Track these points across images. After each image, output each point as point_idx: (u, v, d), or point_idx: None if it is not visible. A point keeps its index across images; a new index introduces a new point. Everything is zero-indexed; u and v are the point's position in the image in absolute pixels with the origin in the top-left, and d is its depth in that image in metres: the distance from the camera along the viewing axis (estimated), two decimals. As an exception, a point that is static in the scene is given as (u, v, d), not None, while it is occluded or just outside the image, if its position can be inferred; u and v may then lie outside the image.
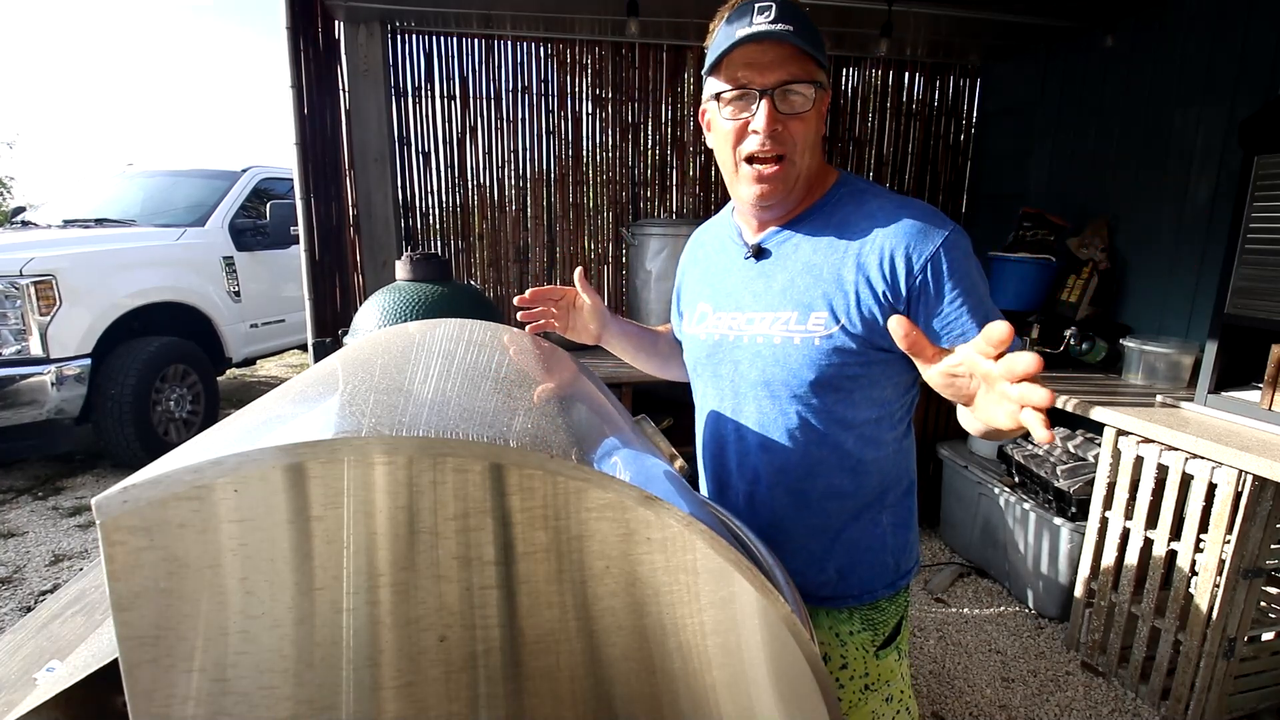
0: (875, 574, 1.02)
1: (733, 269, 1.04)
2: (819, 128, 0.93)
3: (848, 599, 1.02)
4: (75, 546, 2.94)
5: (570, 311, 1.18)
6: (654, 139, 3.38)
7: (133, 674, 0.42)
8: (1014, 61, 3.33)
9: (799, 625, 0.54)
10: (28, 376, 3.22)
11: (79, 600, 0.92)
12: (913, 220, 0.89)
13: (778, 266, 0.98)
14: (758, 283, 0.99)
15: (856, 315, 0.90)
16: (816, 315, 0.92)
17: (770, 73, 0.86)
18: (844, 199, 0.96)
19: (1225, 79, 2.33)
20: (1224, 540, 1.74)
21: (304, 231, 2.52)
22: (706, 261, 1.12)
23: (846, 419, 0.96)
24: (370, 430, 0.46)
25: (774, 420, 0.98)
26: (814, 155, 0.94)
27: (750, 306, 0.99)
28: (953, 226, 0.89)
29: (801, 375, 0.93)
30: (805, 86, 0.87)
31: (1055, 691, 2.05)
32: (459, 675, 0.48)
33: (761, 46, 0.86)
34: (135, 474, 0.42)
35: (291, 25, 2.42)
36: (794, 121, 0.89)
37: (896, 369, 0.94)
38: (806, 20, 0.88)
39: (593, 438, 0.61)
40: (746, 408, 1.01)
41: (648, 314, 3.02)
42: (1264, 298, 1.82)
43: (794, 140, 0.90)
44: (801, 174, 0.93)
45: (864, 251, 0.90)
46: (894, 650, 1.05)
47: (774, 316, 0.95)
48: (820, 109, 0.91)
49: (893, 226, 0.89)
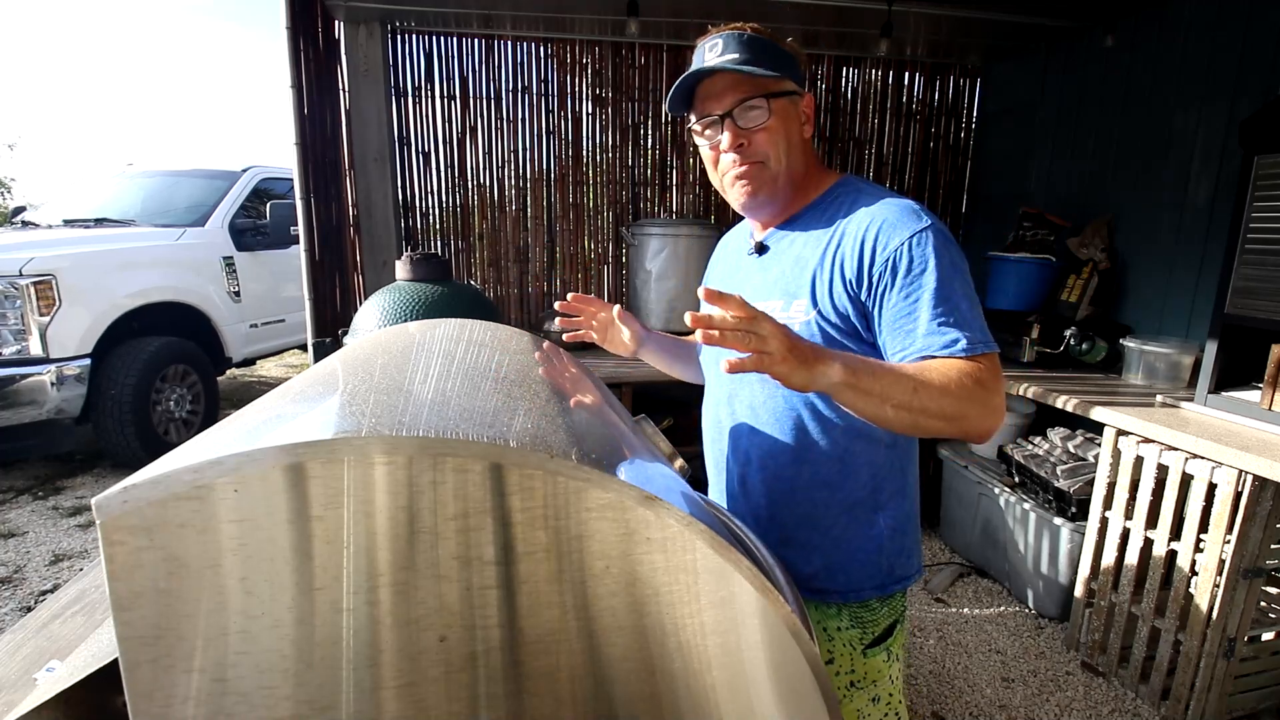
0: (865, 573, 1.03)
1: (739, 265, 1.12)
2: (792, 131, 0.98)
3: (833, 594, 1.03)
4: (75, 546, 2.94)
5: (609, 327, 1.26)
6: (654, 139, 3.38)
7: (133, 674, 0.42)
8: (1014, 61, 3.33)
9: (799, 625, 0.54)
10: (28, 376, 3.22)
11: (79, 600, 0.92)
12: (888, 214, 0.92)
13: (773, 260, 1.04)
14: (756, 276, 1.06)
15: (828, 301, 0.94)
16: (798, 302, 0.96)
17: (723, 99, 0.96)
18: (840, 197, 1.00)
19: (1225, 79, 2.33)
20: (1224, 540, 1.73)
21: (304, 231, 2.52)
22: (724, 262, 1.20)
23: (834, 407, 0.97)
24: (370, 430, 0.46)
25: (763, 405, 1.02)
26: (797, 155, 1.00)
27: (750, 297, 1.01)
28: (929, 223, 0.90)
29: None
30: (757, 100, 0.95)
31: (1055, 691, 2.05)
32: (459, 675, 0.48)
33: (712, 80, 0.97)
34: (135, 474, 0.42)
35: (291, 25, 2.42)
36: (758, 134, 0.96)
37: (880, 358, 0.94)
38: (756, 43, 0.95)
39: (593, 438, 0.61)
40: (741, 393, 1.06)
41: (648, 314, 3.02)
42: (1264, 298, 1.82)
43: (762, 149, 0.97)
44: (782, 174, 0.99)
45: (841, 241, 0.94)
46: (883, 651, 1.05)
47: (765, 305, 0.98)
48: (786, 115, 0.97)
49: (869, 218, 0.92)
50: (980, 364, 0.85)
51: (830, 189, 1.03)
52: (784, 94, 0.97)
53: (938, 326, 0.86)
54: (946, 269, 0.88)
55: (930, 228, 0.89)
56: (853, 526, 1.02)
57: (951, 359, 0.85)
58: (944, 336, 0.86)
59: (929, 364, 0.85)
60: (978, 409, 0.83)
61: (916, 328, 0.87)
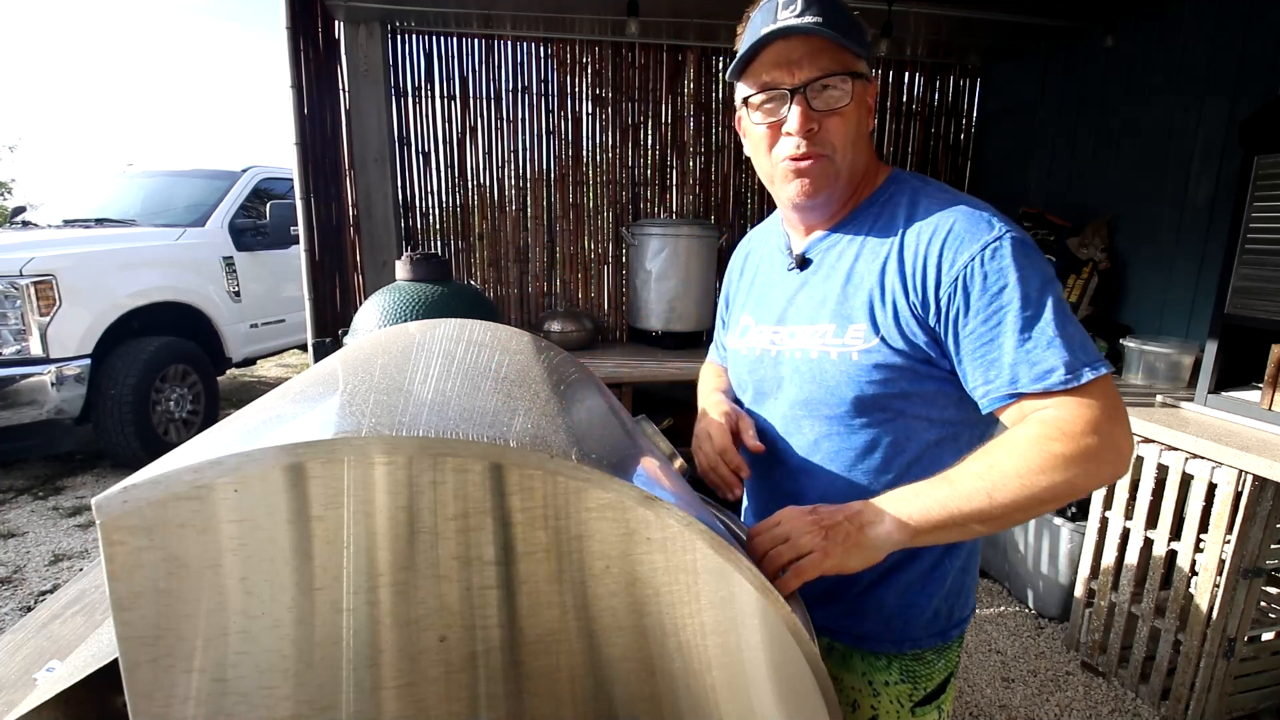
0: (923, 621, 0.91)
1: (776, 280, 0.98)
2: (863, 122, 0.85)
3: (886, 643, 0.91)
4: (75, 546, 2.94)
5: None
6: (654, 139, 3.37)
7: (133, 674, 0.42)
8: (1014, 61, 3.33)
9: (799, 625, 0.54)
10: (28, 376, 3.22)
11: (79, 600, 0.92)
12: (954, 223, 0.79)
13: (820, 276, 0.90)
14: (799, 294, 0.92)
15: (893, 327, 0.81)
16: (855, 327, 0.84)
17: (800, 70, 0.80)
18: (895, 199, 0.88)
19: (1225, 79, 2.33)
20: (1224, 540, 1.73)
21: (304, 231, 2.52)
22: (753, 271, 1.05)
23: (900, 444, 0.85)
24: (370, 430, 0.46)
25: (816, 444, 0.89)
26: (859, 152, 0.87)
27: (792, 319, 0.92)
28: (1003, 231, 0.77)
29: (841, 394, 0.84)
30: (840, 80, 0.80)
31: (1055, 691, 2.05)
32: (459, 675, 0.48)
33: (789, 43, 0.80)
34: (135, 474, 0.42)
35: (291, 25, 2.41)
36: (831, 119, 0.81)
37: (958, 384, 0.82)
38: (840, 7, 0.80)
39: (592, 438, 0.61)
40: (789, 429, 0.92)
41: (648, 314, 3.02)
42: (1264, 298, 1.82)
43: (832, 140, 0.83)
44: (845, 171, 0.86)
45: (902, 255, 0.82)
46: (934, 710, 0.93)
47: (812, 330, 0.88)
48: (863, 101, 0.84)
49: (931, 229, 0.80)
50: (1085, 398, 0.72)
51: (882, 187, 0.90)
52: (863, 76, 0.83)
53: (1027, 354, 0.74)
54: (1030, 283, 0.75)
55: (1005, 237, 0.77)
56: (915, 569, 0.89)
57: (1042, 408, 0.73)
58: (1036, 367, 0.73)
59: (1005, 441, 0.73)
60: (1084, 468, 0.70)
61: (1001, 358, 0.75)
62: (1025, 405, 0.75)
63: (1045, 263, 0.78)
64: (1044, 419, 0.73)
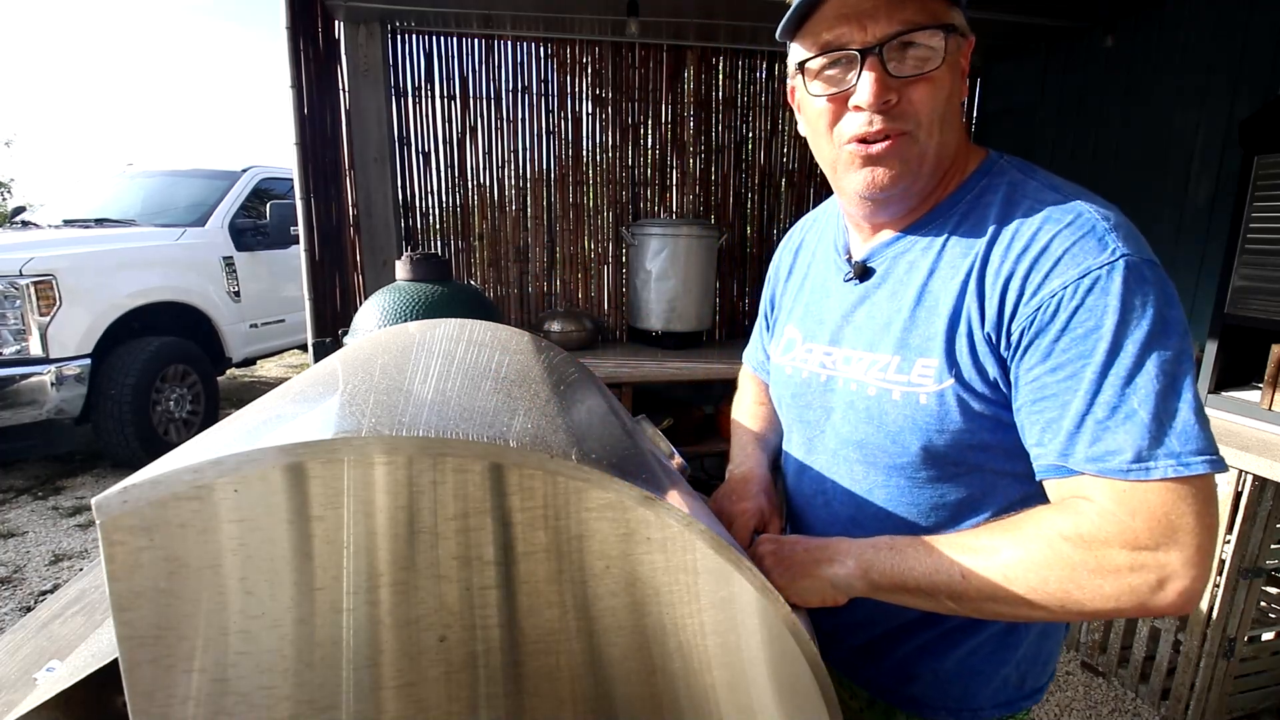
0: (989, 687, 0.76)
1: (831, 289, 0.80)
2: (956, 91, 0.66)
3: (940, 711, 0.77)
4: (75, 546, 2.94)
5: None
6: (654, 139, 3.38)
7: (133, 674, 0.42)
8: (1014, 61, 3.33)
9: (799, 625, 0.54)
10: (28, 376, 3.22)
11: (79, 600, 0.92)
12: (1054, 235, 0.61)
13: (885, 292, 0.72)
14: (858, 311, 0.75)
15: (971, 364, 0.64)
16: (925, 362, 0.67)
17: (875, 23, 0.61)
18: (987, 195, 0.69)
19: (1225, 79, 2.33)
20: (1224, 540, 1.73)
21: (304, 231, 2.52)
22: (803, 271, 0.87)
23: (975, 503, 0.70)
24: (370, 430, 0.46)
25: (870, 492, 0.74)
26: (949, 130, 0.67)
27: (848, 341, 0.75)
28: (1120, 254, 0.58)
29: (904, 442, 0.69)
30: (930, 35, 0.62)
31: (1055, 691, 2.05)
32: (459, 675, 0.48)
33: None
34: (135, 474, 0.42)
35: (291, 25, 2.42)
36: (916, 87, 0.62)
37: None
38: None
39: (593, 438, 0.61)
40: (837, 469, 0.77)
41: (648, 314, 3.02)
42: (1264, 298, 1.82)
43: (917, 114, 0.63)
44: (930, 156, 0.66)
45: (985, 268, 0.64)
46: None
47: (871, 359, 0.71)
48: (957, 64, 0.65)
49: (1025, 241, 0.62)
50: (1144, 498, 0.54)
51: (971, 178, 0.70)
52: (958, 30, 0.64)
53: (1095, 423, 0.56)
54: (1132, 330, 0.56)
55: (1117, 263, 0.58)
56: (985, 633, 0.75)
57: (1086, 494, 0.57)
58: (1098, 444, 0.56)
59: (1021, 519, 0.60)
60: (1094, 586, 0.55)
61: (1062, 419, 0.58)
62: (1081, 484, 0.58)
63: (1170, 306, 0.58)
64: (1078, 508, 0.57)
